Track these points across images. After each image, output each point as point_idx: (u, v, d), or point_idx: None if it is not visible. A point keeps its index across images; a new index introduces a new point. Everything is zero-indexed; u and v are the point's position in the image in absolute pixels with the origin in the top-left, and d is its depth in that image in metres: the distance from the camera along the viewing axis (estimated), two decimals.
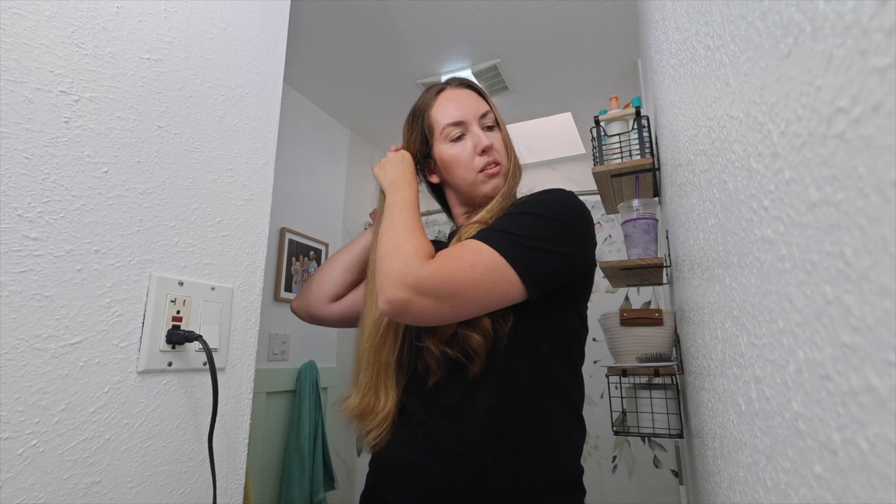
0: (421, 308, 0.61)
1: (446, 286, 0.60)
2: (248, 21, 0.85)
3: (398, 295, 0.61)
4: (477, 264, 0.62)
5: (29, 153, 0.53)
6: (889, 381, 0.13)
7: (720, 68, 0.32)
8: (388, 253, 0.65)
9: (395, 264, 0.63)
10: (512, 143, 0.85)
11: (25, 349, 0.51)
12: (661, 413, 1.11)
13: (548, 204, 0.70)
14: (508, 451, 0.66)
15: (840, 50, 0.15)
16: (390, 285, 0.62)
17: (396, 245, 0.65)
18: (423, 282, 0.60)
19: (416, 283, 0.60)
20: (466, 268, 0.61)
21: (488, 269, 0.62)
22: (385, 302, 0.62)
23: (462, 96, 0.83)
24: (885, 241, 0.13)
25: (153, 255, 0.65)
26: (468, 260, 0.62)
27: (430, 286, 0.60)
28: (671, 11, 0.60)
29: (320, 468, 2.00)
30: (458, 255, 0.63)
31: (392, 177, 0.81)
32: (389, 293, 0.61)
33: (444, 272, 0.61)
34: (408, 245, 0.65)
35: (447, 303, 0.60)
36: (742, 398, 0.32)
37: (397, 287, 0.61)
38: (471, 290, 0.61)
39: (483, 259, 0.62)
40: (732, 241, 0.32)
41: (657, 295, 1.98)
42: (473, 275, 0.61)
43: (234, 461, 0.74)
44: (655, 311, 1.10)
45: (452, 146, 0.82)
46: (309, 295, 0.93)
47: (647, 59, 1.40)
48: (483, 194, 0.81)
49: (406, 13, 1.78)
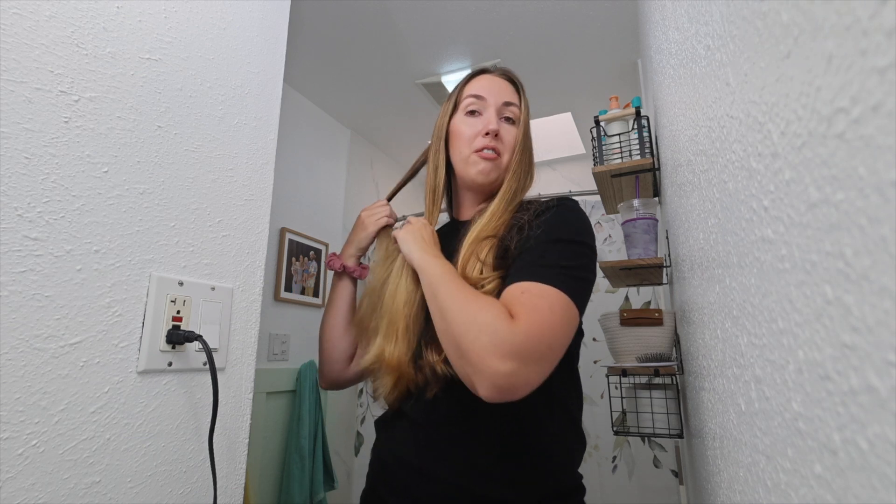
0: (527, 377, 0.53)
1: (544, 342, 0.54)
2: (248, 21, 0.85)
3: (503, 369, 0.52)
4: (555, 309, 0.58)
5: (29, 153, 0.53)
6: (889, 381, 0.13)
7: (720, 68, 0.32)
8: (467, 328, 0.56)
9: (482, 338, 0.54)
10: (528, 148, 0.81)
11: (25, 349, 0.51)
12: (661, 413, 1.11)
13: (573, 226, 0.68)
14: (509, 464, 0.66)
15: (840, 50, 0.15)
16: (490, 364, 0.53)
17: (471, 316, 0.57)
18: (523, 346, 0.53)
19: (515, 350, 0.53)
20: (549, 316, 0.57)
21: (564, 310, 0.58)
22: (490, 386, 0.53)
23: (497, 82, 0.82)
24: (885, 241, 0.13)
25: (153, 255, 0.65)
26: (546, 306, 0.57)
27: (531, 348, 0.53)
28: (671, 11, 0.60)
29: (320, 468, 2.00)
30: (535, 304, 0.57)
31: (421, 246, 0.74)
32: (489, 373, 0.53)
33: (537, 328, 0.55)
34: (483, 312, 0.57)
35: (548, 359, 0.55)
36: (742, 398, 0.32)
37: (499, 362, 0.53)
38: (560, 337, 0.57)
39: (557, 302, 0.58)
40: (732, 241, 0.32)
41: (657, 295, 1.98)
42: (557, 321, 0.57)
43: (234, 461, 0.74)
44: (655, 311, 1.10)
45: (465, 119, 0.80)
46: (329, 371, 0.91)
47: (647, 59, 1.40)
48: (470, 177, 0.79)
49: (406, 13, 1.78)
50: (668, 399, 1.11)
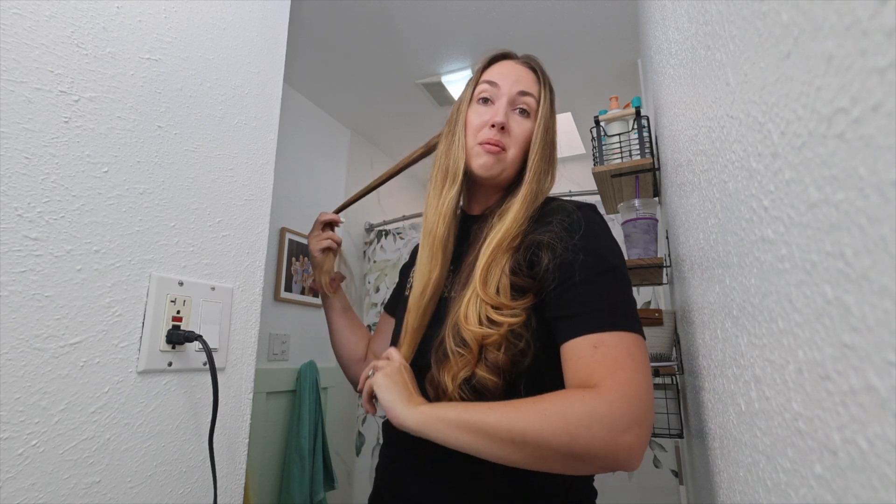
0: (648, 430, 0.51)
1: (640, 391, 0.52)
2: (248, 21, 0.85)
3: (629, 440, 0.49)
4: (636, 354, 0.55)
5: (29, 153, 0.53)
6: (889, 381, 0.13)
7: (720, 68, 0.32)
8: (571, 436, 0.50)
9: (594, 430, 0.49)
10: (548, 144, 0.74)
11: (25, 349, 0.51)
12: (661, 413, 1.11)
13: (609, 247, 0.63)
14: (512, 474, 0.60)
15: (840, 50, 0.15)
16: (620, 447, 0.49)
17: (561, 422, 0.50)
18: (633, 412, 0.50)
19: (630, 421, 0.50)
20: (633, 366, 0.53)
21: (642, 351, 0.56)
22: (636, 461, 0.50)
23: (516, 68, 0.75)
24: (885, 241, 0.13)
25: (153, 255, 0.65)
26: (627, 357, 0.54)
27: (635, 406, 0.50)
28: (671, 11, 0.60)
29: (320, 468, 2.00)
30: (613, 358, 0.54)
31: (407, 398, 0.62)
32: (627, 452, 0.49)
33: (632, 387, 0.52)
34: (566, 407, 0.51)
35: (651, 407, 0.52)
36: (742, 398, 0.32)
37: (624, 438, 0.49)
38: (649, 380, 0.54)
39: (633, 347, 0.55)
40: (732, 241, 0.32)
41: (657, 295, 1.98)
42: (642, 366, 0.54)
43: (234, 461, 0.74)
44: (655, 311, 1.10)
45: (476, 107, 0.75)
46: (348, 370, 0.96)
47: (647, 59, 1.40)
48: (472, 170, 0.73)
49: (406, 13, 1.78)
50: (668, 399, 1.12)
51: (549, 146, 0.74)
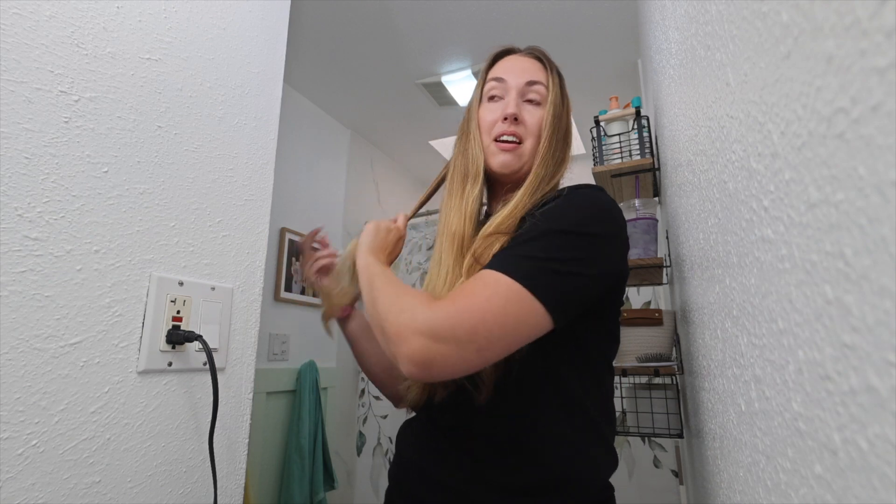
0: (445, 356, 0.52)
1: (463, 326, 0.52)
2: (248, 21, 0.85)
3: (413, 346, 0.52)
4: (494, 297, 0.54)
5: (29, 153, 0.53)
6: (889, 381, 0.13)
7: (720, 68, 0.32)
8: (388, 310, 0.57)
9: (400, 317, 0.55)
10: (560, 130, 0.73)
11: (25, 349, 0.51)
12: (661, 413, 1.11)
13: (575, 215, 0.60)
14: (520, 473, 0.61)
15: (840, 50, 0.15)
16: (402, 340, 0.54)
17: (397, 301, 0.58)
18: (437, 325, 0.52)
19: (429, 328, 0.52)
20: (483, 302, 0.53)
21: (509, 301, 0.54)
22: (406, 362, 0.53)
23: (520, 61, 0.75)
24: (885, 241, 0.13)
25: (153, 255, 0.65)
26: (484, 294, 0.54)
27: (445, 328, 0.52)
28: (671, 11, 0.60)
29: (320, 468, 2.00)
30: (472, 290, 0.55)
31: (371, 245, 0.73)
32: (405, 350, 0.53)
33: (458, 311, 0.53)
34: (409, 297, 0.58)
35: (470, 346, 0.52)
36: (742, 398, 0.32)
37: (411, 339, 0.53)
38: (492, 327, 0.53)
39: (501, 291, 0.54)
40: (732, 241, 0.32)
41: (657, 295, 1.98)
42: (492, 310, 0.53)
43: (234, 461, 0.74)
44: (655, 311, 1.10)
45: (486, 105, 0.74)
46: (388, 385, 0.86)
47: (647, 59, 1.40)
48: (492, 169, 0.72)
49: (406, 13, 1.78)
50: (668, 399, 1.12)
51: (561, 132, 0.73)
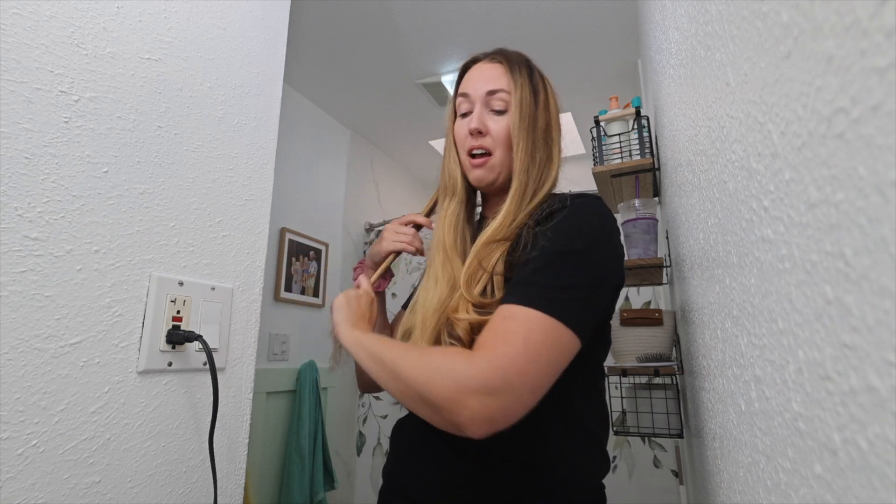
0: (506, 408, 0.50)
1: (514, 372, 0.51)
2: (248, 21, 0.85)
3: (474, 408, 0.50)
4: (531, 335, 0.53)
5: (29, 153, 0.53)
6: (889, 381, 0.13)
7: (720, 68, 0.32)
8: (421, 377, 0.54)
9: (444, 382, 0.52)
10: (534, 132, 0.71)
11: (25, 349, 0.51)
12: (661, 413, 1.11)
13: (580, 233, 0.61)
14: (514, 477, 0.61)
15: (840, 50, 0.15)
16: (459, 406, 0.50)
17: (422, 365, 0.55)
18: (489, 379, 0.50)
19: (481, 385, 0.50)
20: (523, 343, 0.53)
21: (546, 335, 0.54)
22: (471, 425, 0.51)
23: (482, 71, 0.74)
24: (885, 241, 0.13)
25: (153, 255, 0.65)
26: (520, 334, 0.53)
27: (498, 380, 0.50)
28: (671, 11, 0.60)
29: (320, 468, 2.00)
30: (505, 331, 0.54)
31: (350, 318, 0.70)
32: (466, 414, 0.50)
33: (502, 358, 0.51)
34: (439, 357, 0.55)
35: (524, 389, 0.51)
36: (742, 398, 0.32)
37: (468, 402, 0.50)
38: (539, 365, 0.53)
39: (535, 327, 0.54)
40: (732, 241, 0.32)
41: (657, 295, 1.98)
42: (534, 348, 0.53)
43: (234, 461, 0.74)
44: (655, 311, 1.10)
45: (458, 121, 0.74)
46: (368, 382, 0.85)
47: (647, 59, 1.40)
48: (471, 183, 0.74)
49: (406, 13, 1.78)
50: (668, 399, 1.11)
51: (536, 132, 0.71)
